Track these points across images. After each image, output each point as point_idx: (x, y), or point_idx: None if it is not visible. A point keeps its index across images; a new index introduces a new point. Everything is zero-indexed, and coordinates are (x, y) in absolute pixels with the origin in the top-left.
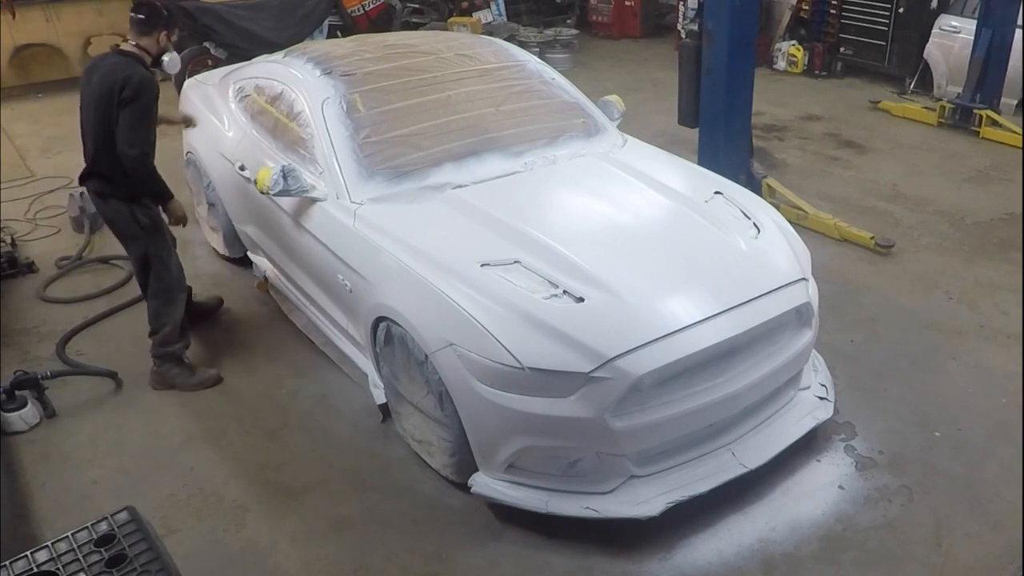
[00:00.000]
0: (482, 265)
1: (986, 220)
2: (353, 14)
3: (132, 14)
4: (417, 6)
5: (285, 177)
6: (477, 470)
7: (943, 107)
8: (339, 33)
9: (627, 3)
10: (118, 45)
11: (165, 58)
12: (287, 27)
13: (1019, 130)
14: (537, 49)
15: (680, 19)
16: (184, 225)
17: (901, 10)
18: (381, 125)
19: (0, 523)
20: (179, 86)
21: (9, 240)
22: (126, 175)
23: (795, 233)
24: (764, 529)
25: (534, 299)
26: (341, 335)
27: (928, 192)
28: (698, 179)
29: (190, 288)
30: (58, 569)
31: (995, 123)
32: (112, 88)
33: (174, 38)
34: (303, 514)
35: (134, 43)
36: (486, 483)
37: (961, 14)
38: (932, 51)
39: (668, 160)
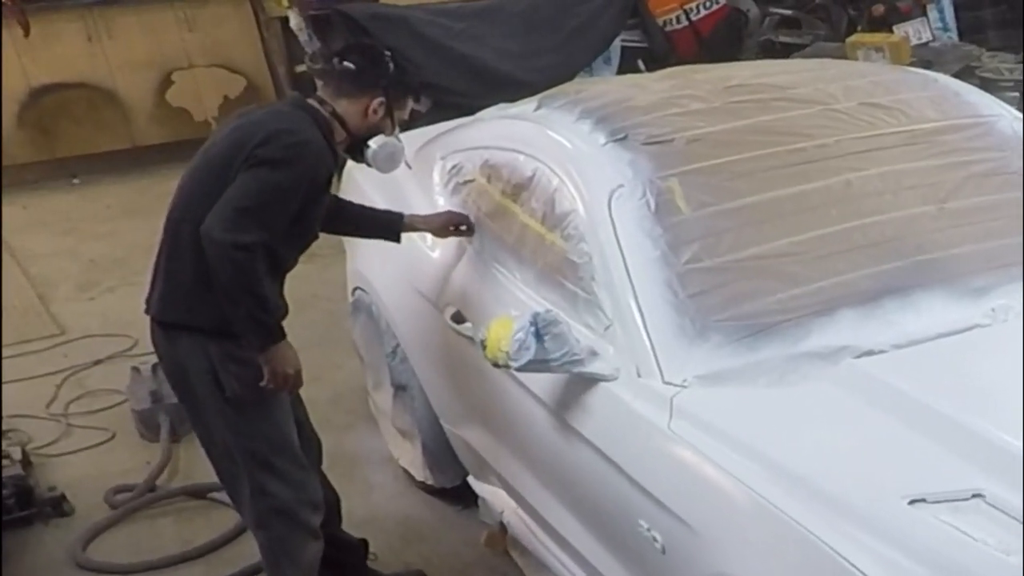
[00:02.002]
0: (911, 502)
1: None
2: (668, 28)
3: (335, 60)
4: (788, 13)
5: (539, 336)
6: None
7: None
8: (641, 64)
9: None
10: (304, 96)
11: (373, 144)
12: (544, 52)
13: None
14: (1016, 94)
15: None
16: (289, 390)
17: None
18: (721, 237)
19: None
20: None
21: (19, 455)
22: (212, 286)
23: None
24: None
25: (1010, 564)
26: None
27: None
28: None
29: (337, 502)
30: None
31: None
32: (245, 142)
33: (402, 114)
34: None
35: (327, 102)
36: None
37: None
38: None
39: None
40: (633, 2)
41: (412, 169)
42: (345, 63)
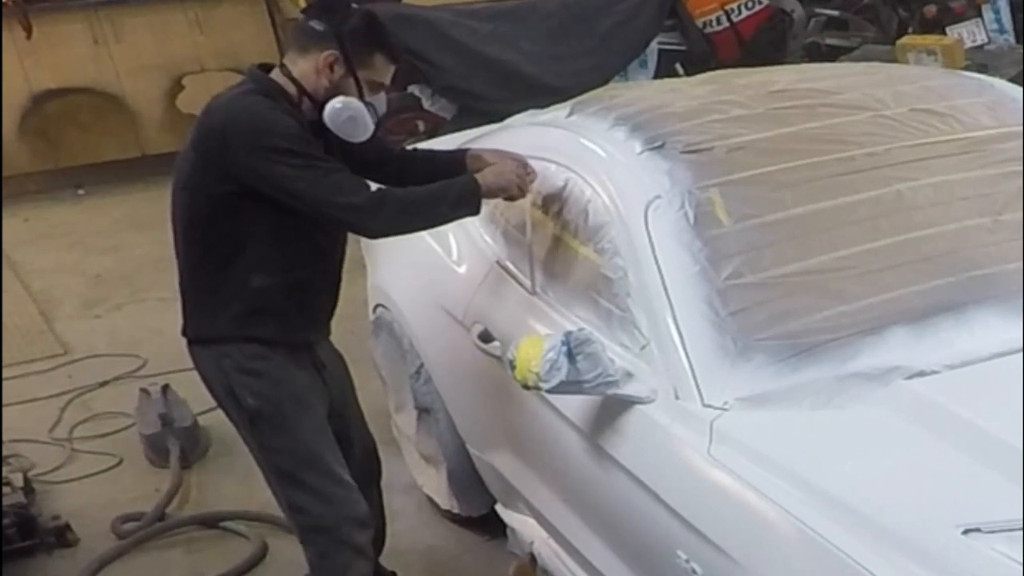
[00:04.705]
0: (966, 531)
1: None
2: (707, 30)
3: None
4: (835, 14)
5: (571, 356)
6: None
7: None
8: (679, 68)
9: None
10: (266, 65)
11: (329, 104)
12: (576, 55)
13: None
14: None
15: None
16: (524, 189)
17: None
18: (764, 252)
19: None
20: None
21: (20, 482)
22: (219, 291)
23: None
24: None
25: None
26: None
27: None
28: None
29: (382, 531)
30: None
31: None
32: (206, 136)
33: (372, 75)
34: None
35: (288, 67)
36: None
37: None
38: None
39: None
40: (671, 3)
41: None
42: (308, 20)
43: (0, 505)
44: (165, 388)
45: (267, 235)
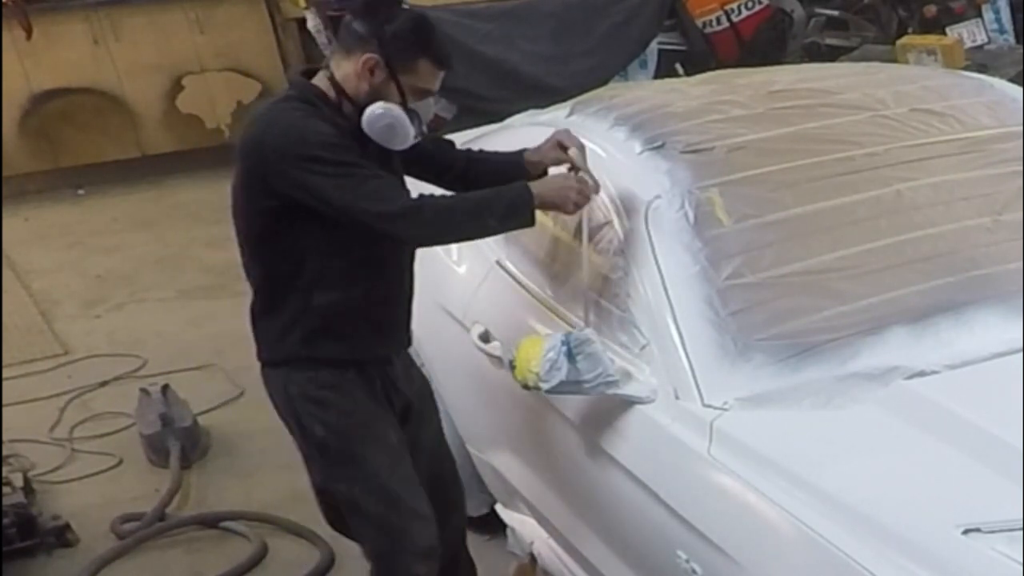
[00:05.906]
0: (965, 531)
1: None
2: (708, 30)
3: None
4: (835, 14)
5: (571, 356)
6: None
7: None
8: (679, 68)
9: None
10: (311, 70)
11: (368, 109)
12: (576, 55)
13: None
14: None
15: None
16: (582, 201)
17: None
18: (764, 252)
19: None
20: None
21: (20, 482)
22: (284, 311)
23: None
24: None
25: None
26: None
27: None
28: None
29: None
30: None
31: None
32: (248, 150)
33: (414, 81)
34: None
35: (330, 71)
36: None
37: None
38: None
39: None
40: (671, 3)
41: None
42: (355, 18)
43: (0, 505)
44: (165, 388)
45: (323, 249)
